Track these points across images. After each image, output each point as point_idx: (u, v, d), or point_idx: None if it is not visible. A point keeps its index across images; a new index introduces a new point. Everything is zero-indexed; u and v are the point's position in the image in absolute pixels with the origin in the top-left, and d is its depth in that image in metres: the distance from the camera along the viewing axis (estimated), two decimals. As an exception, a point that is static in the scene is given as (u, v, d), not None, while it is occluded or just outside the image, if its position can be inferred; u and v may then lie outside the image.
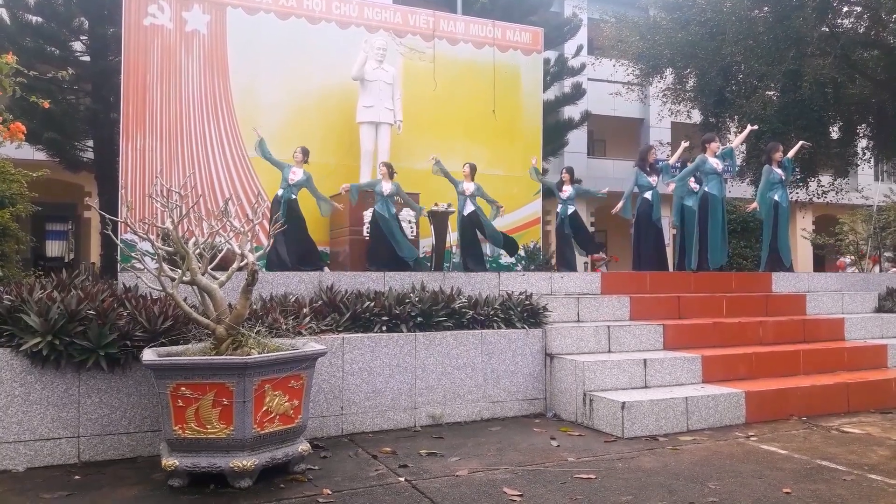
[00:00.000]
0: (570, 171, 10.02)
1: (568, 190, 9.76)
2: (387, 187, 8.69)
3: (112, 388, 4.21)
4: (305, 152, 8.57)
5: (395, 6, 11.95)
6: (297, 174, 8.42)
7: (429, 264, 9.34)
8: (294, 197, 8.41)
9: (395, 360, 5.10)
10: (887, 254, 14.07)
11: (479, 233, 9.02)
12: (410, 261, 8.60)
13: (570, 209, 9.76)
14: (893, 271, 13.19)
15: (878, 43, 13.27)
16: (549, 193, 11.57)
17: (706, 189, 8.47)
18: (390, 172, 8.78)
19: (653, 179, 9.04)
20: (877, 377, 6.03)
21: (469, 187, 9.02)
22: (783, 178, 8.81)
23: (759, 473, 3.90)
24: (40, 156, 13.34)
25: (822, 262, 23.31)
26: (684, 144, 9.47)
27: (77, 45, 13.08)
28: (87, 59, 12.99)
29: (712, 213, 8.40)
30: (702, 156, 8.59)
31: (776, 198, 8.71)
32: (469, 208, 8.95)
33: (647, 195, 9.05)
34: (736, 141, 9.72)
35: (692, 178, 8.71)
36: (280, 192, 8.36)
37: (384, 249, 8.55)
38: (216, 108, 9.98)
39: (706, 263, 8.38)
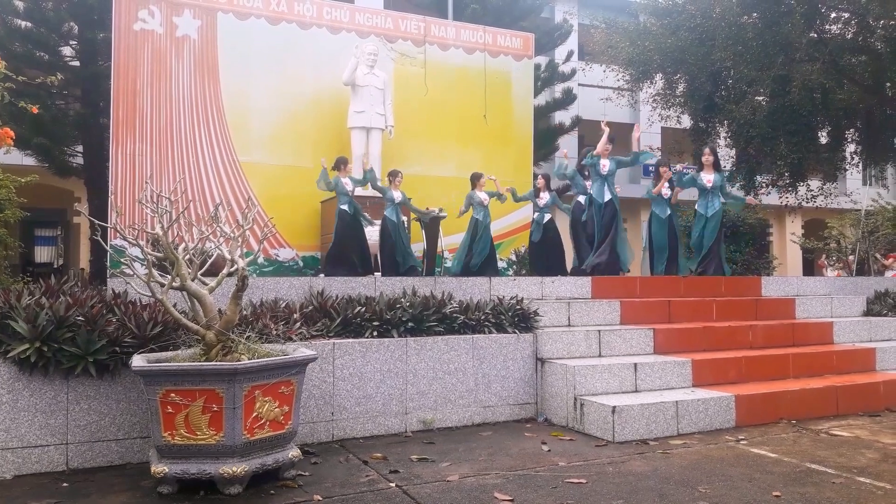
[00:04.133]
0: (547, 177, 9.97)
1: (545, 197, 9.67)
2: (397, 195, 8.85)
3: (101, 395, 4.19)
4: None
5: (386, 11, 11.99)
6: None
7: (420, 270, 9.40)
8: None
9: (386, 365, 5.10)
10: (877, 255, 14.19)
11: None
12: (409, 268, 8.79)
13: (547, 217, 9.70)
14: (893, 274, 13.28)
15: (865, 48, 13.37)
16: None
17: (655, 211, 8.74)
18: (398, 180, 8.98)
19: (588, 183, 9.04)
20: (865, 380, 6.07)
21: (484, 197, 9.17)
22: (709, 185, 8.50)
23: (749, 477, 3.92)
24: (29, 161, 13.25)
25: (811, 266, 23.46)
26: (606, 130, 8.87)
27: (67, 50, 13.00)
28: (76, 64, 12.91)
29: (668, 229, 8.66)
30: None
31: (696, 206, 8.73)
32: (488, 218, 9.26)
33: (581, 199, 9.13)
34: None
35: (665, 187, 8.79)
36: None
37: (391, 256, 8.76)
38: (207, 113, 9.97)
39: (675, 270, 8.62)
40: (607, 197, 8.52)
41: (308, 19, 10.63)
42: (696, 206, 8.76)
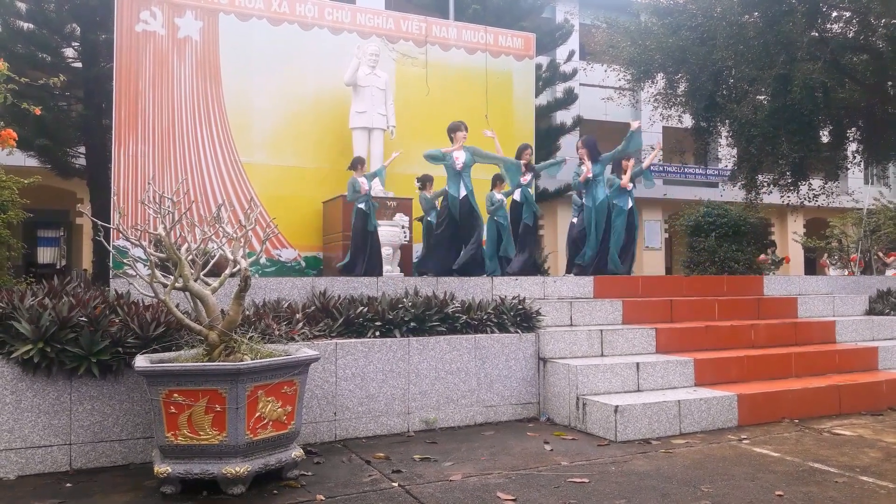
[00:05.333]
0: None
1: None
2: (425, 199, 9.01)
3: (104, 395, 4.20)
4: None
5: (387, 12, 11.99)
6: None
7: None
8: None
9: (388, 365, 5.10)
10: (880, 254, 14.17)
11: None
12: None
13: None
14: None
15: (867, 47, 13.36)
16: (542, 198, 11.57)
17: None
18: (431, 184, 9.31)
19: (524, 178, 8.79)
20: (868, 379, 6.06)
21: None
22: (590, 175, 8.46)
23: (752, 476, 3.92)
24: (32, 162, 13.31)
25: (813, 265, 23.45)
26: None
27: (69, 52, 13.04)
28: (78, 65, 12.95)
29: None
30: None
31: (583, 200, 8.61)
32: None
33: (516, 194, 8.85)
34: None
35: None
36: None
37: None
38: (209, 114, 9.98)
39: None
40: (462, 193, 8.13)
41: (309, 20, 10.64)
42: (583, 200, 8.67)
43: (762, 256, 12.85)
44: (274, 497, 3.56)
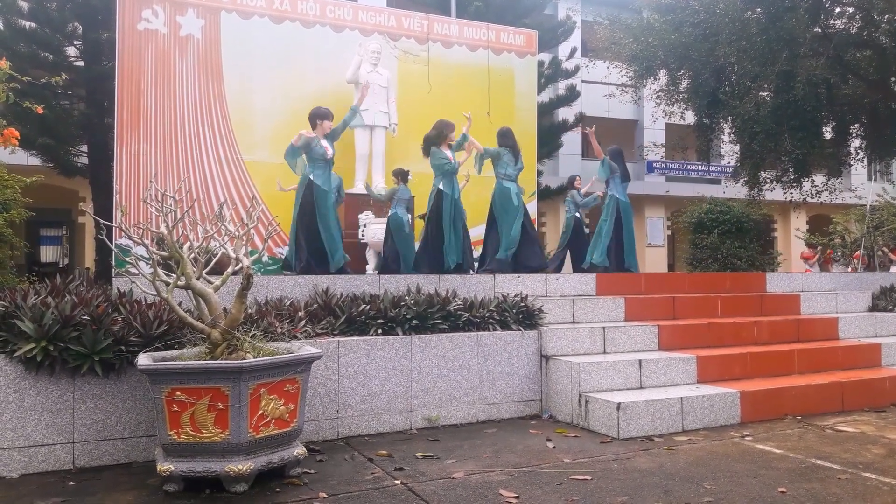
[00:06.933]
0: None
1: None
2: (407, 193, 8.89)
3: (107, 394, 4.20)
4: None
5: (389, 9, 11.98)
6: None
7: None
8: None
9: (390, 362, 5.11)
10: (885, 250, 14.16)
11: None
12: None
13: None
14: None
15: (870, 43, 13.30)
16: (545, 195, 11.55)
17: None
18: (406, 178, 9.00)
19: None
20: (871, 376, 6.06)
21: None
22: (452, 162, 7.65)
23: (755, 473, 3.92)
24: (34, 161, 13.31)
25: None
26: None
27: (71, 50, 13.03)
28: (80, 63, 12.96)
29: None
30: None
31: (441, 186, 7.60)
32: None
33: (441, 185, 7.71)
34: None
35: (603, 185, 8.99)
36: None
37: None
38: (211, 112, 9.97)
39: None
40: (335, 183, 7.52)
41: (311, 18, 10.63)
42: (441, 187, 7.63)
43: (808, 252, 12.80)
44: (277, 495, 3.57)
